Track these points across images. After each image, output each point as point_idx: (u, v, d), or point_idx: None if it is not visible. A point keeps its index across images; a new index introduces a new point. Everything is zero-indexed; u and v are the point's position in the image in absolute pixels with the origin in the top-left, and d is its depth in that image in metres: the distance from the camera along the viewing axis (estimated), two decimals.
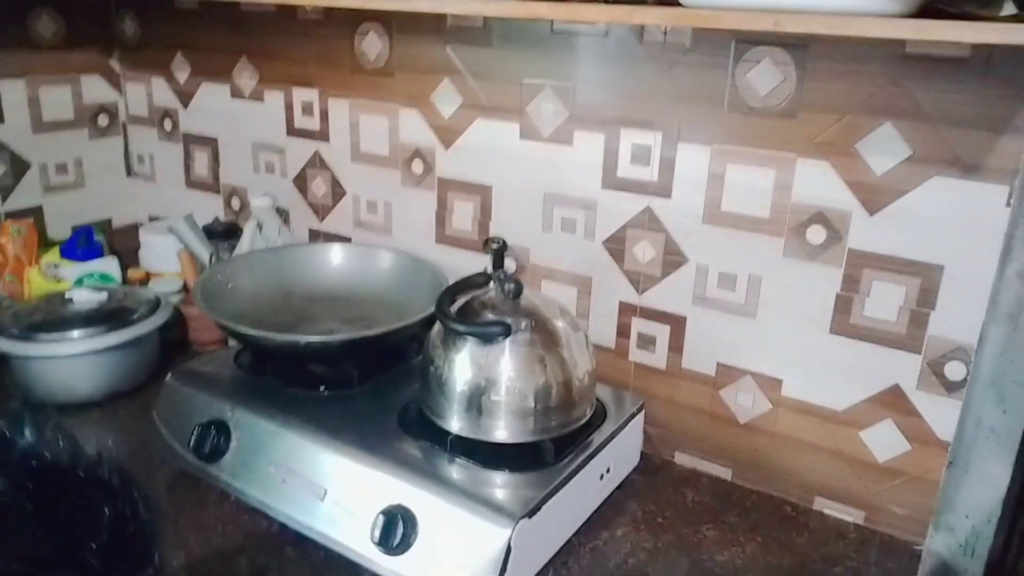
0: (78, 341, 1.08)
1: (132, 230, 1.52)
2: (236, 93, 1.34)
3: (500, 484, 0.82)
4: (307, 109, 1.26)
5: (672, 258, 0.98)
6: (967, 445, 0.84)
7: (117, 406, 1.10)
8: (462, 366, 0.86)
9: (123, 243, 1.48)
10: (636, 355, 1.05)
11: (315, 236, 1.33)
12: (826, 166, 0.86)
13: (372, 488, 0.82)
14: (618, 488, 0.96)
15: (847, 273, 0.88)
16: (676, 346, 1.01)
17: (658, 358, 1.03)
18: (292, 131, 1.29)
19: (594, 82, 0.98)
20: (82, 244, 1.37)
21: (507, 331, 0.84)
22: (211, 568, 0.83)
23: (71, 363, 1.08)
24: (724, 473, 1.01)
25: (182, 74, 1.41)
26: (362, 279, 1.17)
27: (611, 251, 1.03)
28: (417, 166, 1.17)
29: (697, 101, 0.92)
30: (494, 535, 0.75)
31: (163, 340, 1.18)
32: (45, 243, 1.40)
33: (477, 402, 0.85)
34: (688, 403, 1.02)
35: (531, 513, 0.77)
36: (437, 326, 0.90)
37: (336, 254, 1.20)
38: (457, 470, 0.84)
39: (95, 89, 1.47)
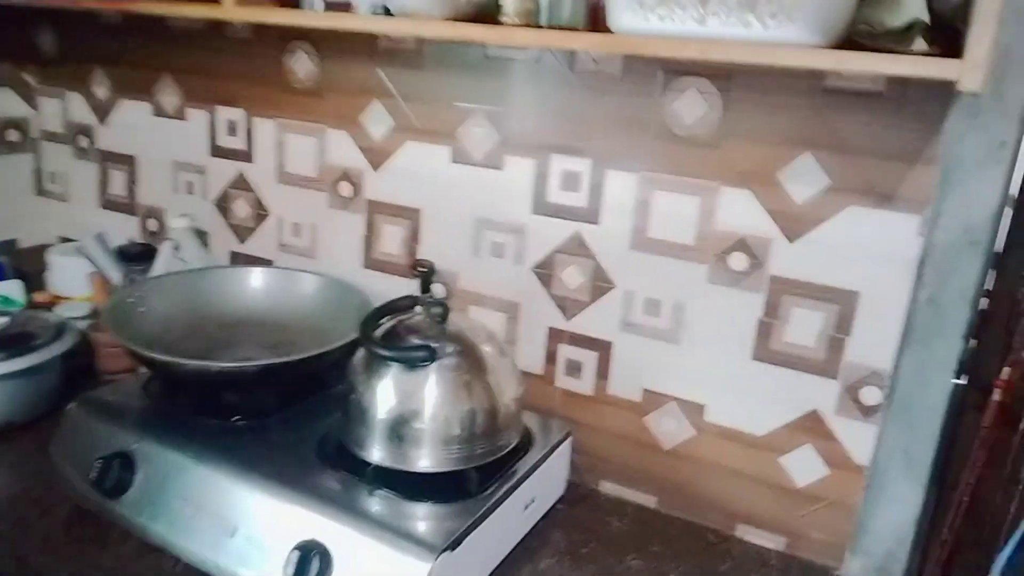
0: None
1: (39, 251, 1.44)
2: (158, 111, 1.30)
3: (421, 516, 0.79)
4: (232, 128, 1.23)
5: (600, 284, 0.98)
6: (882, 469, 0.86)
7: (10, 439, 1.03)
8: (385, 392, 0.83)
9: (30, 265, 1.40)
10: (563, 381, 1.04)
11: (236, 259, 1.28)
12: (748, 194, 0.88)
13: (286, 523, 0.78)
14: (543, 518, 0.94)
15: (768, 299, 0.89)
16: (603, 372, 1.01)
17: (585, 384, 1.02)
18: (215, 151, 1.26)
19: (526, 107, 0.99)
20: None
21: (432, 356, 0.82)
22: None
23: None
24: (649, 501, 1.01)
25: (101, 89, 1.35)
26: (284, 304, 1.13)
27: (540, 276, 1.02)
28: (345, 188, 1.14)
29: (626, 128, 0.93)
30: (413, 569, 0.72)
31: (68, 368, 1.11)
32: None
33: (400, 430, 0.82)
34: (614, 430, 1.01)
35: (453, 545, 0.74)
36: (360, 351, 0.87)
37: (256, 278, 1.16)
38: (377, 502, 0.80)
39: (5, 103, 1.41)
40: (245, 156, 1.22)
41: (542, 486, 0.92)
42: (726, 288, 0.91)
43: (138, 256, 1.30)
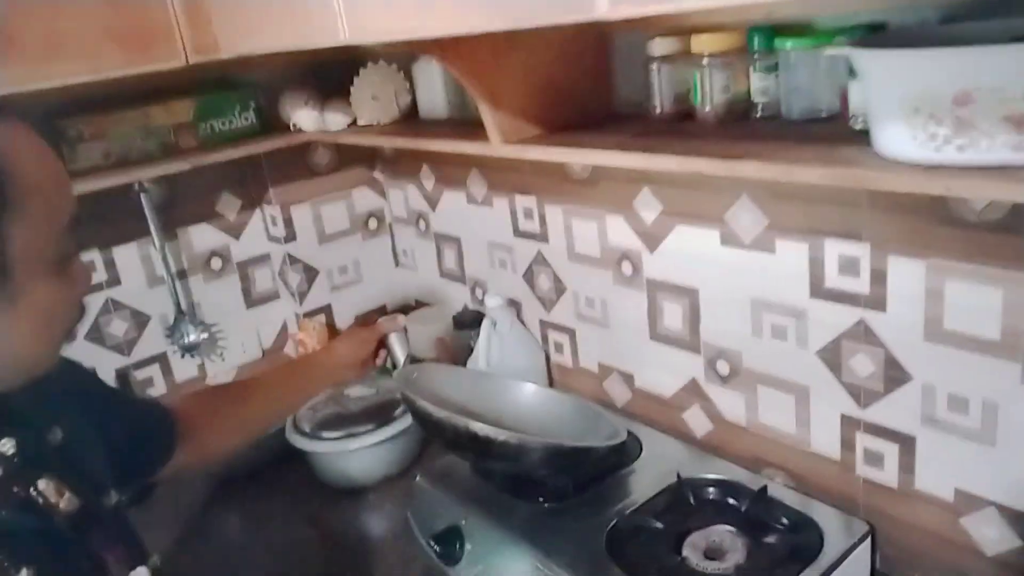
0: (354, 438, 1.28)
1: (402, 311, 1.74)
2: (471, 199, 1.48)
3: None
4: (528, 214, 1.35)
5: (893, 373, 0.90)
6: None
7: (386, 490, 1.30)
8: None
9: None
10: (864, 471, 0.97)
11: (544, 325, 1.42)
12: None
13: None
14: None
15: None
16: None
17: (887, 476, 0.95)
18: (517, 232, 1.40)
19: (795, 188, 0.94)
20: None
21: None
22: None
23: (349, 456, 1.29)
24: None
25: (428, 182, 1.58)
26: (537, 419, 1.14)
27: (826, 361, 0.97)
28: (626, 267, 1.20)
29: (905, 213, 0.83)
30: None
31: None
32: (335, 333, 1.68)
33: None
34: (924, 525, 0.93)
35: None
36: None
37: (526, 392, 1.21)
38: None
39: (366, 199, 1.72)
40: (541, 237, 1.34)
41: None
42: None
43: (470, 323, 1.52)
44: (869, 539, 0.92)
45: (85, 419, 0.73)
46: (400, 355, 1.13)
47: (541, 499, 1.06)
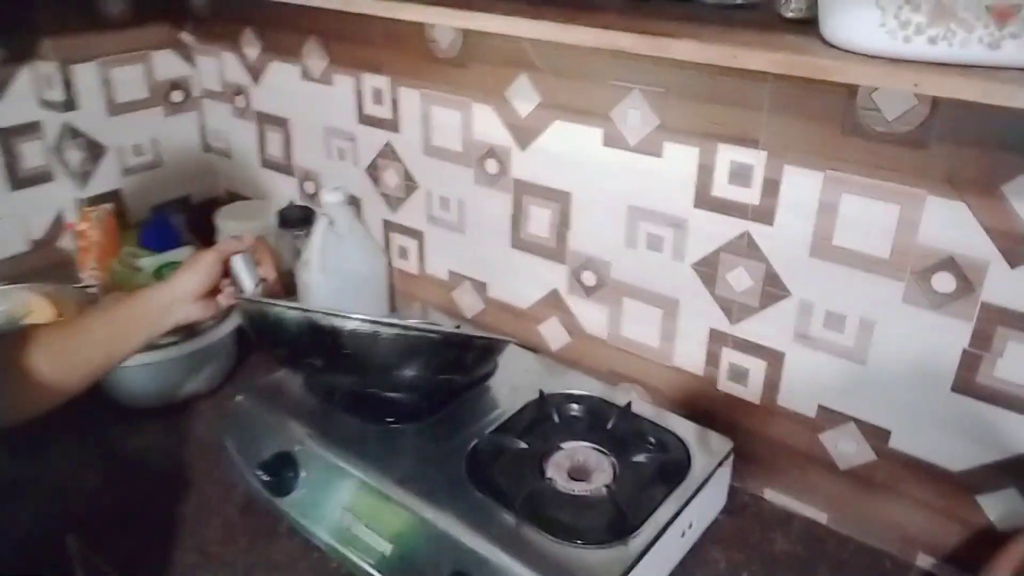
0: (158, 350, 1.08)
1: (210, 205, 1.50)
2: (306, 74, 1.27)
3: (575, 559, 0.76)
4: (377, 97, 1.18)
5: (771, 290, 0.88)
6: None
7: (196, 411, 1.11)
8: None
9: (201, 221, 1.47)
10: (727, 386, 0.96)
11: (389, 227, 1.27)
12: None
13: (438, 548, 0.79)
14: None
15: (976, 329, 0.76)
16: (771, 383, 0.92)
17: (751, 392, 0.94)
18: (363, 118, 1.22)
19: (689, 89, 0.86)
20: (157, 231, 1.37)
21: None
22: None
23: (145, 370, 1.08)
24: (820, 516, 0.93)
25: (252, 50, 1.34)
26: None
27: (701, 275, 0.93)
28: (491, 165, 1.08)
29: (809, 119, 0.79)
30: None
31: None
32: (125, 226, 1.41)
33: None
34: (783, 440, 0.93)
35: None
36: None
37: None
38: (527, 535, 0.78)
39: (169, 64, 1.44)
40: (391, 126, 1.18)
41: (702, 508, 0.87)
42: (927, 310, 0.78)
43: (299, 221, 1.33)
44: (732, 456, 0.91)
45: None
46: (248, 282, 0.92)
47: (390, 420, 0.94)
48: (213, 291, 0.90)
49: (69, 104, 1.33)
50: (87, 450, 1.04)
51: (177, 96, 1.47)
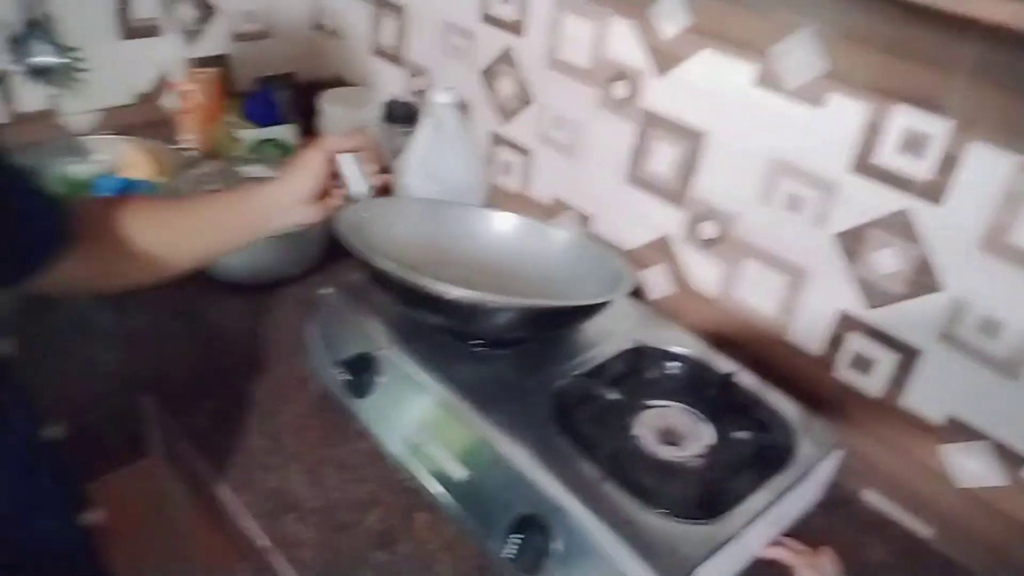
0: None
1: (315, 87, 1.44)
2: None
3: (658, 527, 0.70)
4: None
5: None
6: None
7: (283, 293, 1.08)
8: None
9: (305, 101, 1.41)
10: (846, 375, 0.87)
11: (496, 140, 1.19)
12: None
13: (511, 488, 0.74)
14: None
15: None
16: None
17: (873, 385, 0.85)
18: (486, 17, 1.13)
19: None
20: (261, 104, 1.32)
21: None
22: (342, 518, 0.80)
23: None
24: (923, 530, 0.86)
25: None
26: (529, 256, 0.96)
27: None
28: (620, 89, 0.98)
29: (1017, 93, 0.67)
30: None
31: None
32: (229, 94, 1.37)
33: None
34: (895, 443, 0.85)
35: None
36: None
37: (504, 223, 0.99)
38: (611, 494, 0.73)
39: None
40: (515, 29, 1.08)
41: (797, 500, 0.80)
42: None
43: (403, 118, 1.26)
44: (841, 451, 0.83)
45: None
46: (360, 185, 0.84)
47: (478, 342, 0.89)
48: (325, 193, 0.84)
49: None
50: (172, 317, 1.03)
51: None
